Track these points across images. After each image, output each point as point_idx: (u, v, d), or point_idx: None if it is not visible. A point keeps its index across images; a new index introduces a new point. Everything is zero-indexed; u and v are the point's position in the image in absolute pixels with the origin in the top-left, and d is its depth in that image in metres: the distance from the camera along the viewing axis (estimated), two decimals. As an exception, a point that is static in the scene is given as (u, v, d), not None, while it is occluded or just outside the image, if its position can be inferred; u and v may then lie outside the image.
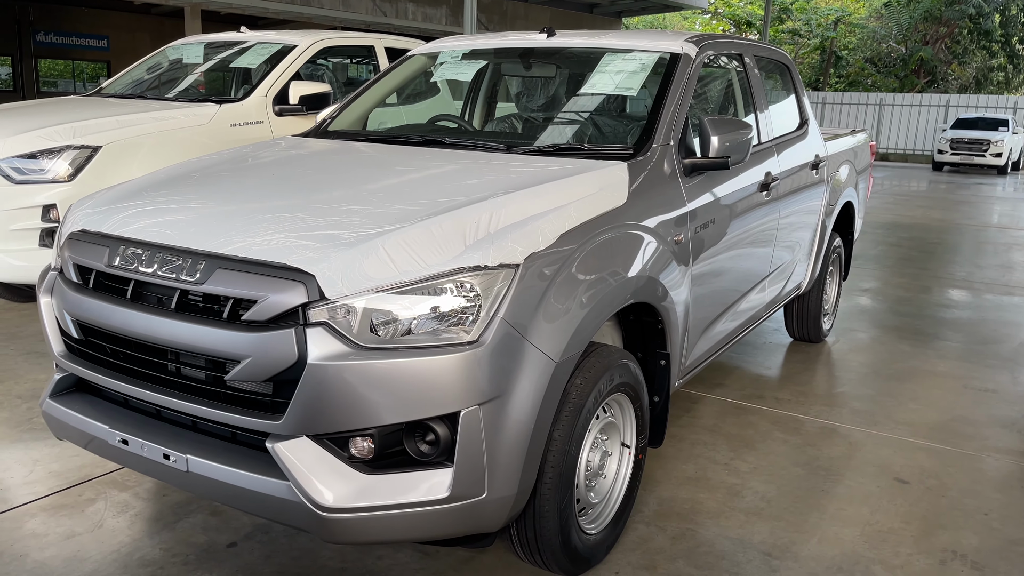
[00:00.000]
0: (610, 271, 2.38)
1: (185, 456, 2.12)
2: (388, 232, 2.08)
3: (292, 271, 2.00)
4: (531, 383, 2.08)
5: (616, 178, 2.63)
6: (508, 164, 2.75)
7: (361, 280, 1.98)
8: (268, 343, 1.97)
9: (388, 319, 1.99)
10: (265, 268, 2.03)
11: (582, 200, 2.42)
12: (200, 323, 2.06)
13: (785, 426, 3.83)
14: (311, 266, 1.99)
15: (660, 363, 2.81)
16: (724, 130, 2.91)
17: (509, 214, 2.21)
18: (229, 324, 2.03)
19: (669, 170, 2.87)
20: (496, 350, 2.00)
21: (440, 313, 2.00)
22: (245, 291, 2.02)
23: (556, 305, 2.15)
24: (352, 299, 1.97)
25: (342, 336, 1.97)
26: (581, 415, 2.28)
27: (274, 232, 2.13)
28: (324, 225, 2.16)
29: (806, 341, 5.19)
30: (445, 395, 1.97)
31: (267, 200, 2.39)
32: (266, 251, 2.06)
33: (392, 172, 2.70)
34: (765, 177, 3.62)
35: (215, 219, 2.26)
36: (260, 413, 2.04)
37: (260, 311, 1.99)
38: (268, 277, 2.01)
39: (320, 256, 2.01)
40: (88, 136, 4.32)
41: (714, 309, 3.29)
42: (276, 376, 1.99)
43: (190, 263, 2.12)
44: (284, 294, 1.98)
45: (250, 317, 2.00)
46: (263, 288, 2.00)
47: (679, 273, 2.81)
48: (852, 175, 5.15)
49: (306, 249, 2.04)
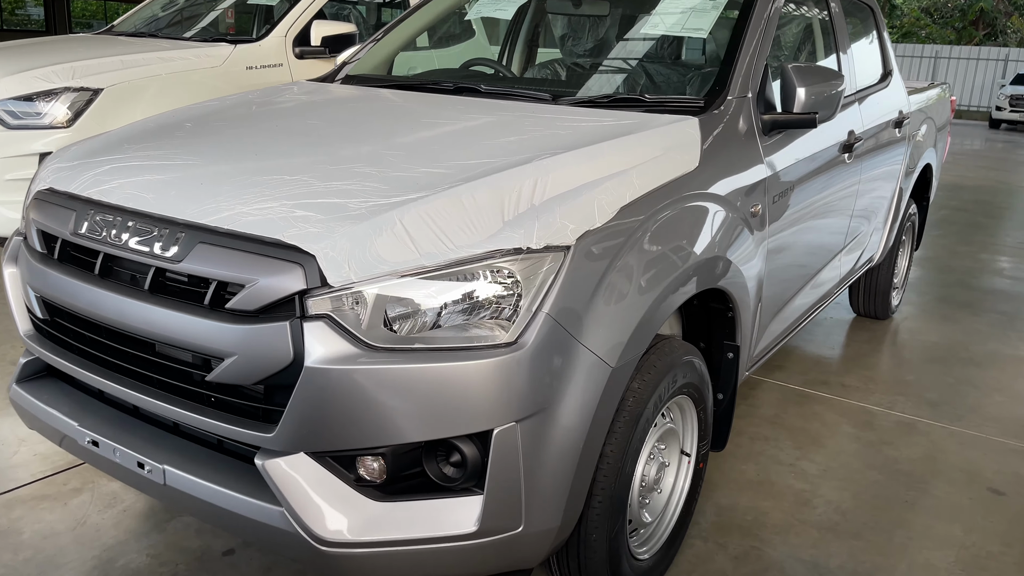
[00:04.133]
0: (680, 253, 1.96)
1: (162, 467, 1.76)
2: (408, 202, 1.67)
3: (288, 249, 1.61)
4: (581, 393, 1.68)
5: (686, 136, 2.18)
6: (554, 118, 2.32)
7: (373, 263, 1.58)
8: (257, 338, 1.59)
9: (406, 313, 1.60)
10: (255, 245, 1.64)
11: (646, 164, 1.98)
12: (177, 309, 1.68)
13: (855, 419, 3.40)
14: (311, 244, 1.59)
15: (727, 356, 2.39)
16: (812, 80, 2.43)
17: (557, 181, 1.79)
18: (211, 313, 1.65)
19: (746, 127, 2.41)
20: (539, 354, 1.60)
21: (470, 307, 1.60)
22: (230, 272, 1.63)
23: (614, 297, 1.74)
24: (361, 287, 1.58)
25: (348, 333, 1.58)
26: (638, 426, 1.88)
27: (269, 199, 1.73)
28: (331, 192, 1.75)
29: (871, 318, 4.72)
30: (475, 409, 1.58)
31: (267, 158, 1.98)
32: (257, 223, 1.66)
33: (417, 125, 2.28)
34: (848, 136, 3.13)
35: (202, 181, 1.86)
36: (249, 422, 1.67)
37: (248, 298, 1.61)
38: (258, 256, 1.62)
39: (323, 231, 1.61)
40: (88, 77, 3.93)
41: (787, 290, 2.85)
42: (267, 379, 1.61)
43: (167, 235, 1.73)
44: (277, 278, 1.59)
45: (236, 305, 1.62)
46: (252, 270, 1.61)
47: (754, 251, 2.37)
48: (932, 133, 4.62)
49: (306, 222, 1.64)
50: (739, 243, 2.26)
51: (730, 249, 2.20)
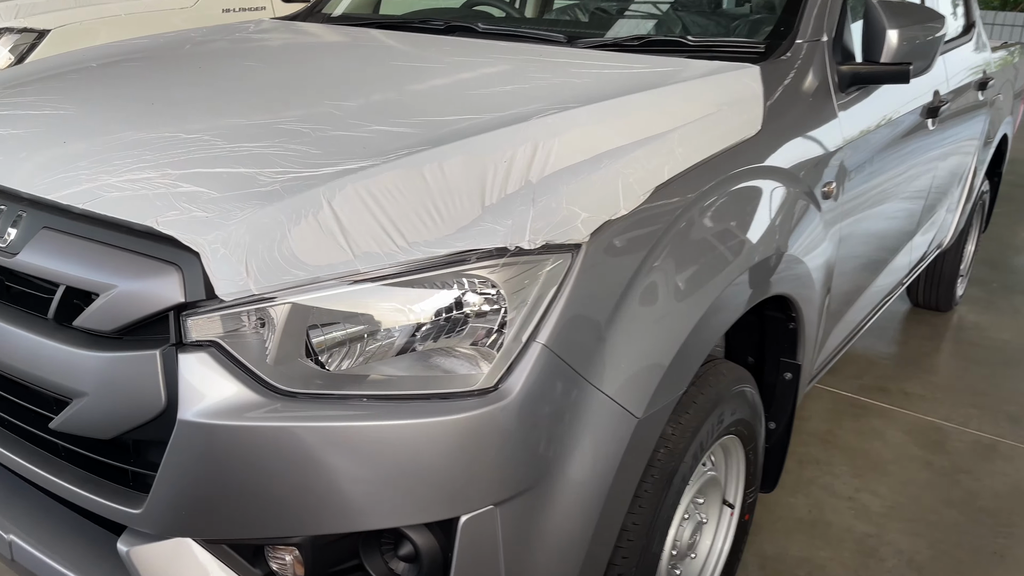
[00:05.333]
0: (737, 252, 1.41)
1: (8, 537, 1.27)
2: (343, 175, 1.14)
3: (161, 242, 1.09)
4: (593, 458, 1.15)
5: (745, 90, 1.62)
6: (569, 63, 1.76)
7: (286, 265, 1.05)
8: (115, 373, 1.08)
9: (334, 341, 1.08)
10: (117, 234, 1.12)
11: (692, 126, 1.43)
12: (11, 322, 1.17)
13: (922, 437, 2.86)
14: (194, 234, 1.06)
15: (783, 376, 1.85)
16: (906, 20, 1.86)
17: (566, 148, 1.25)
18: (56, 331, 1.14)
19: (818, 81, 1.84)
20: (530, 404, 1.08)
21: (428, 334, 1.08)
22: (79, 273, 1.12)
23: (643, 317, 1.21)
24: (269, 301, 1.06)
25: (246, 371, 1.06)
26: (671, 487, 1.36)
27: (149, 168, 1.20)
28: (238, 158, 1.22)
29: (931, 309, 4.14)
30: (433, 488, 1.06)
31: (164, 112, 1.45)
32: (123, 201, 1.14)
33: (388, 72, 1.73)
34: (933, 98, 2.54)
35: (66, 139, 1.34)
36: (110, 489, 1.16)
37: (103, 313, 1.09)
38: (119, 251, 1.11)
39: (214, 216, 1.08)
40: (33, 17, 3.41)
41: (856, 287, 2.30)
42: (132, 432, 1.10)
43: (3, 214, 1.22)
44: (144, 284, 1.07)
45: (87, 323, 1.11)
46: (110, 270, 1.10)
47: (823, 243, 1.82)
48: (1009, 100, 3.99)
49: (192, 201, 1.11)
50: (807, 234, 1.71)
51: (797, 243, 1.65)
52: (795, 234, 1.64)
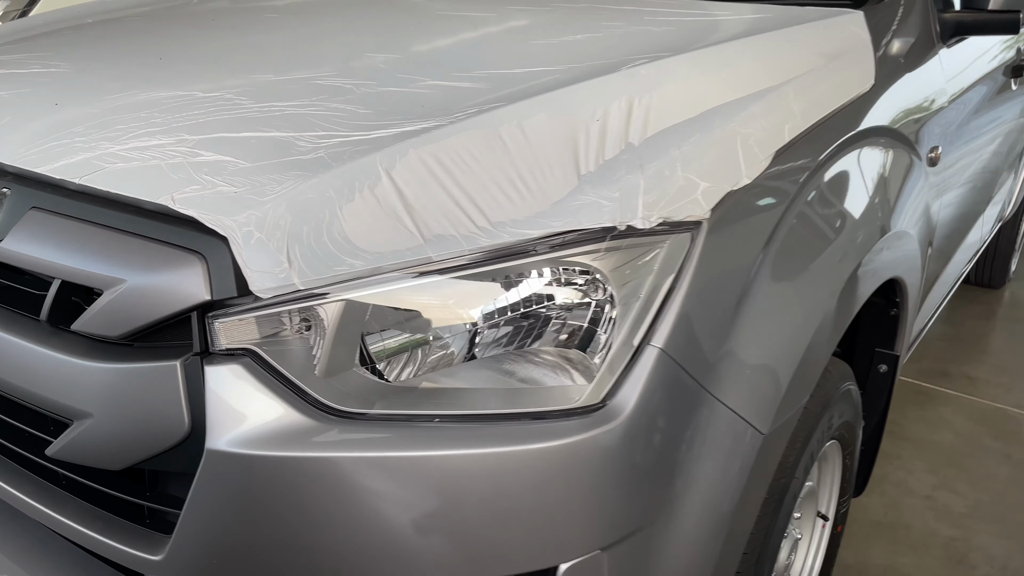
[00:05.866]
0: (862, 227, 1.19)
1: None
2: (403, 139, 0.91)
3: (179, 226, 0.86)
4: (717, 487, 0.93)
5: (852, 38, 1.38)
6: (641, 9, 1.52)
7: (337, 252, 0.83)
8: (124, 390, 0.86)
9: (396, 347, 0.86)
10: (124, 215, 0.90)
11: (806, 77, 1.19)
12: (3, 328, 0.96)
13: (996, 427, 2.64)
14: (220, 213, 0.84)
15: (878, 369, 1.63)
16: (1016, -39, 1.62)
17: (667, 102, 1.02)
18: (52, 337, 0.92)
19: (922, 30, 1.60)
20: (645, 425, 0.86)
21: (514, 337, 0.86)
22: (77, 263, 0.90)
23: (769, 309, 0.98)
24: (317, 298, 0.83)
25: (290, 386, 0.84)
26: (783, 507, 1.15)
27: (161, 134, 0.98)
28: (269, 121, 0.99)
29: (982, 286, 3.91)
30: (525, 534, 0.84)
31: (175, 68, 1.22)
32: (130, 175, 0.91)
33: (435, 21, 1.50)
34: (1016, 55, 2.30)
35: (62, 104, 1.11)
36: (124, 530, 0.95)
37: (109, 315, 0.87)
38: (128, 237, 0.88)
39: (245, 192, 0.86)
40: (25, -19, 3.17)
41: (941, 266, 2.07)
42: (147, 462, 0.89)
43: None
44: (160, 279, 0.85)
45: (88, 327, 0.89)
46: (116, 261, 0.87)
47: (926, 217, 1.59)
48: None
49: (216, 174, 0.89)
50: (916, 206, 1.48)
51: (908, 217, 1.43)
52: (908, 207, 1.41)
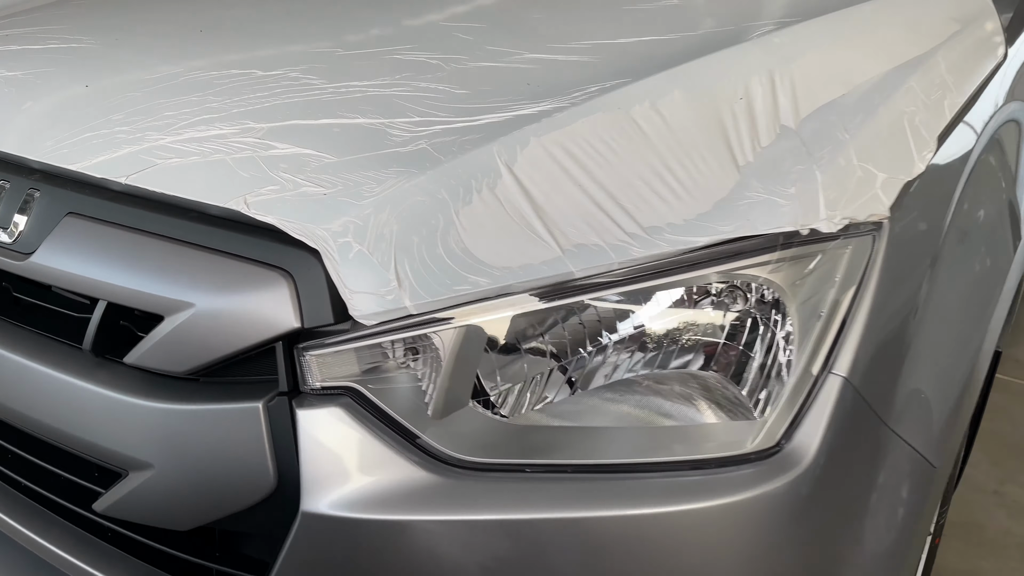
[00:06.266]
0: (1016, 217, 1.04)
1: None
2: (520, 125, 0.75)
3: (258, 235, 0.70)
4: (892, 534, 0.79)
5: (975, 3, 1.22)
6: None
7: (457, 268, 0.67)
8: (191, 437, 0.70)
9: (521, 376, 0.70)
10: (184, 222, 0.74)
11: (950, 45, 1.04)
12: (27, 354, 0.79)
13: (1053, 413, 2.52)
14: (309, 220, 0.68)
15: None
16: None
17: (811, 76, 0.86)
18: (96, 370, 0.76)
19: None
20: (833, 472, 0.70)
21: (663, 364, 0.71)
22: (130, 282, 0.73)
23: (939, 327, 0.83)
24: (434, 324, 0.68)
25: (402, 432, 0.68)
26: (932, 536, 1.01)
27: (222, 123, 0.81)
28: (355, 105, 0.82)
29: None
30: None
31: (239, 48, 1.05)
32: (188, 172, 0.75)
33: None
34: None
35: (95, 86, 0.93)
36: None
37: (172, 345, 0.71)
38: (195, 251, 0.72)
39: (337, 192, 0.70)
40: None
41: None
42: (222, 522, 0.73)
43: (5, 193, 0.83)
44: (237, 301, 0.69)
45: (147, 359, 0.73)
46: (181, 280, 0.71)
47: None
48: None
49: (299, 170, 0.72)
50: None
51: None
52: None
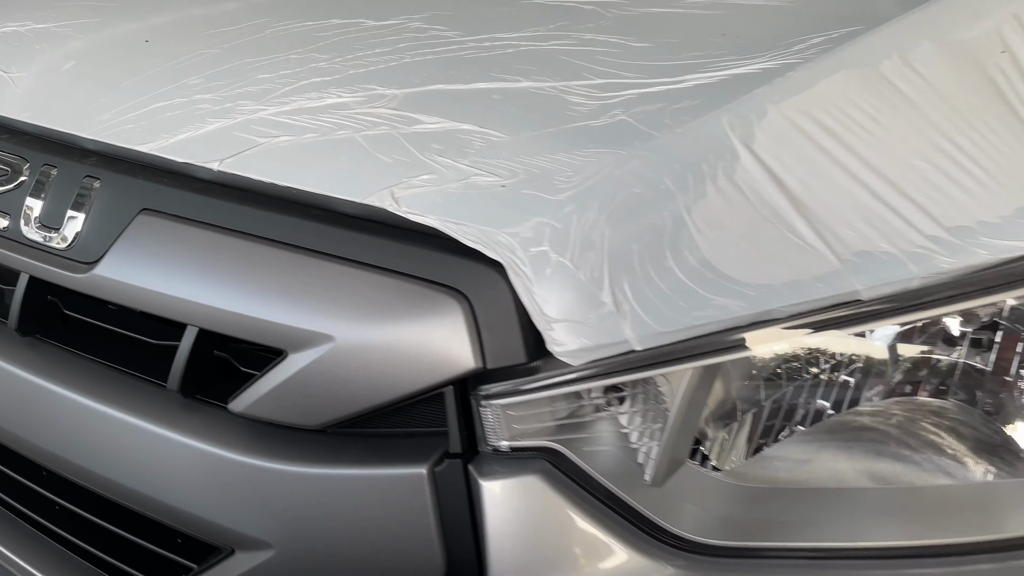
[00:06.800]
0: None
1: None
2: (745, 87, 0.56)
3: (410, 244, 0.51)
4: None
5: None
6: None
7: (696, 286, 0.48)
8: (328, 511, 0.52)
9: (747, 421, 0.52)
10: (303, 222, 0.54)
11: None
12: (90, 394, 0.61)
13: None
14: (486, 223, 0.49)
15: None
16: None
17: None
18: (186, 415, 0.58)
19: None
20: None
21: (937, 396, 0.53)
22: (239, 304, 0.54)
23: None
24: (662, 363, 0.49)
25: (618, 506, 0.50)
26: None
27: (339, 88, 0.61)
28: (508, 64, 0.63)
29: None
30: None
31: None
32: (305, 158, 0.55)
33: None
34: None
35: (161, 46, 0.73)
36: None
37: (300, 392, 0.52)
38: (327, 264, 0.53)
39: (519, 183, 0.51)
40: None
41: None
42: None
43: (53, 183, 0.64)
44: (390, 335, 0.50)
45: (258, 408, 0.54)
46: (311, 304, 0.52)
47: None
48: None
49: (459, 152, 0.53)
50: None
51: None
52: None
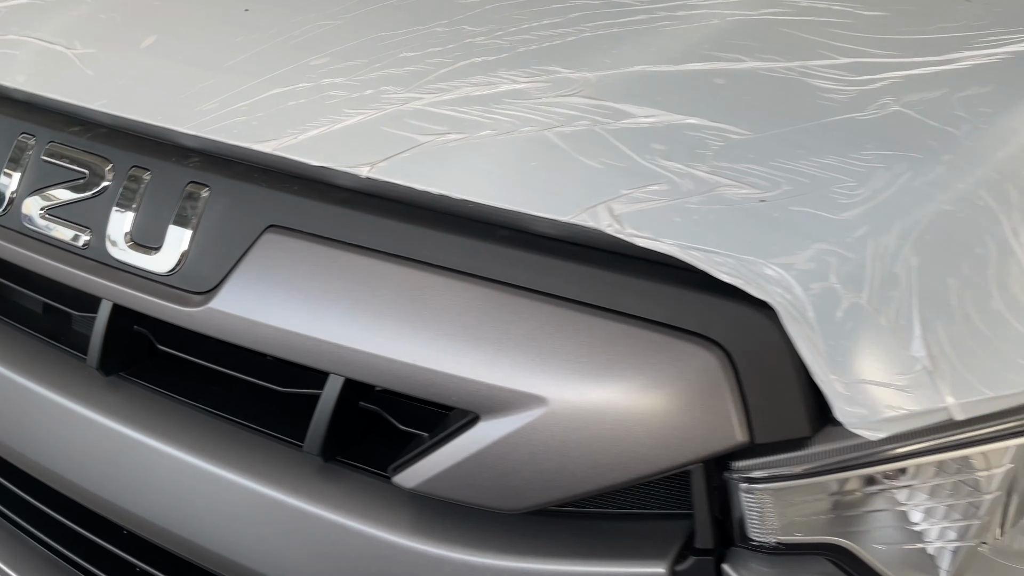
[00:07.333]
0: None
1: None
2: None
3: (636, 277, 0.39)
4: None
5: None
6: None
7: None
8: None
9: None
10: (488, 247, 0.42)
11: None
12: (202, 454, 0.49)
13: None
14: (744, 253, 0.36)
15: None
16: None
17: None
18: (329, 481, 0.46)
19: None
20: None
21: None
22: (398, 352, 0.42)
23: None
24: (995, 437, 0.37)
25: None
26: None
27: (508, 71, 0.49)
28: (721, 42, 0.50)
29: None
30: None
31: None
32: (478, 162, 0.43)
33: None
34: None
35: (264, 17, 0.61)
36: None
37: (489, 470, 0.40)
38: (519, 298, 0.41)
39: (783, 201, 0.38)
40: None
41: None
42: None
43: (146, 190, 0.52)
44: (616, 395, 0.38)
45: (440, 486, 0.42)
46: (505, 354, 0.40)
47: None
48: None
49: (690, 158, 0.41)
50: None
51: None
52: None
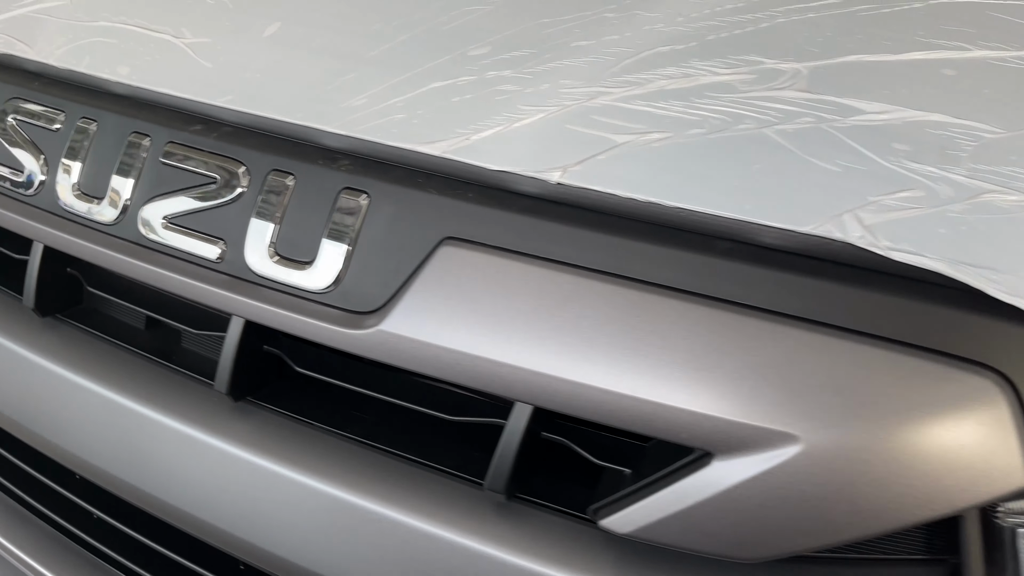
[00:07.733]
0: None
1: None
2: None
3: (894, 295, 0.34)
4: None
5: None
6: None
7: None
8: None
9: None
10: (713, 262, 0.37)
11: None
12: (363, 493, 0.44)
13: None
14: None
15: None
16: None
17: None
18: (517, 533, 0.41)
19: None
20: None
21: None
22: (611, 382, 0.37)
23: None
24: None
25: None
26: None
27: (702, 61, 0.43)
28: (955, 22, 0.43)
29: None
30: None
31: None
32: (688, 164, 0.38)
33: None
34: None
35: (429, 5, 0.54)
36: None
37: (727, 515, 0.35)
38: (758, 320, 0.35)
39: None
40: None
41: None
42: None
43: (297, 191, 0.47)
44: (878, 433, 0.33)
45: (663, 532, 0.37)
46: (746, 386, 0.35)
47: None
48: None
49: (944, 159, 0.36)
50: None
51: None
52: None
